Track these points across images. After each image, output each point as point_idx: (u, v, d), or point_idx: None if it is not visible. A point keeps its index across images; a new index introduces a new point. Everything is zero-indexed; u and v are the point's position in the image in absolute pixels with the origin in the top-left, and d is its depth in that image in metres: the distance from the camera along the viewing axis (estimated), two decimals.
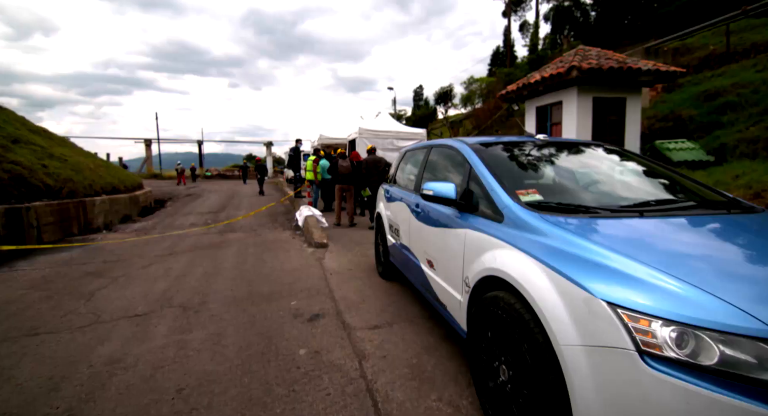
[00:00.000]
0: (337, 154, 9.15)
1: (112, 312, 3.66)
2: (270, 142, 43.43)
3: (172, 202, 16.02)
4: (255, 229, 8.67)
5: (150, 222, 10.51)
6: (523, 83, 9.43)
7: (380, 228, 4.57)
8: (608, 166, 2.57)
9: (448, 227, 2.42)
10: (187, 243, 7.23)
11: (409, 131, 10.89)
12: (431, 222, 2.71)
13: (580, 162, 2.59)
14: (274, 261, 5.49)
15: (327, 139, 12.24)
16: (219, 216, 10.91)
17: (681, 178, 2.41)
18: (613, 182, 2.37)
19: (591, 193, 2.19)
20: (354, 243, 6.55)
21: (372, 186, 8.61)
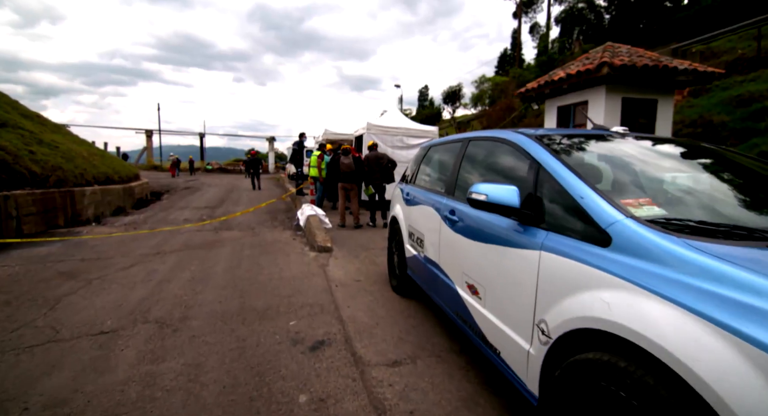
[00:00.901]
0: (341, 149, 8.43)
1: (74, 326, 3.04)
2: (272, 137, 42.87)
3: (169, 195, 15.42)
4: (253, 228, 8.05)
5: (143, 215, 9.89)
6: (546, 80, 8.79)
7: (395, 235, 3.94)
8: (729, 171, 1.93)
9: (506, 245, 1.79)
10: (178, 241, 6.61)
11: (419, 128, 10.26)
12: (476, 235, 2.08)
13: (688, 164, 1.95)
14: (272, 267, 4.87)
15: (332, 134, 11.61)
16: (216, 212, 10.28)
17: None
18: (749, 193, 1.73)
19: (727, 208, 1.55)
20: (361, 248, 5.93)
21: (375, 184, 8.01)
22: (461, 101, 24.52)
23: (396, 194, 4.10)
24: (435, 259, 2.69)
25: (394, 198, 4.19)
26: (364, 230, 7.56)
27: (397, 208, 3.92)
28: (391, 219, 4.12)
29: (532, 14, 44.25)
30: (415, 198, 3.32)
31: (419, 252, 3.07)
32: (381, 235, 6.94)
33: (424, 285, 3.03)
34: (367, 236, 6.91)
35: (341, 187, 8.26)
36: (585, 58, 8.82)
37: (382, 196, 8.22)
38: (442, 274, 2.54)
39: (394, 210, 4.03)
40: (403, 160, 9.97)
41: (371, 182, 8.05)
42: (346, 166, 8.15)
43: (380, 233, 7.21)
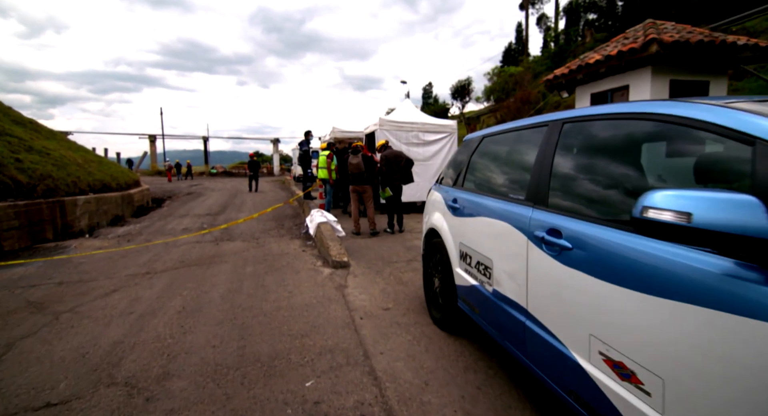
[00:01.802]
0: (351, 148, 7.52)
1: (13, 394, 2.23)
2: (277, 139, 42.19)
3: (170, 202, 14.72)
4: (257, 237, 7.24)
5: (139, 225, 9.14)
6: (578, 65, 7.87)
7: (435, 253, 3.09)
8: None
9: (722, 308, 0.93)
10: (173, 256, 5.81)
11: (436, 123, 9.37)
12: (632, 279, 1.20)
13: None
14: (280, 290, 4.03)
15: (340, 132, 10.77)
16: (217, 219, 9.50)
17: None
18: None
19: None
20: (382, 262, 5.07)
21: (392, 185, 7.14)
22: (471, 96, 23.55)
23: (434, 200, 3.24)
24: (518, 300, 1.83)
25: (431, 205, 3.33)
26: (382, 238, 6.71)
27: (436, 218, 3.06)
28: (428, 233, 3.27)
29: (539, 5, 43.13)
30: (471, 206, 2.46)
31: (482, 282, 2.21)
32: (402, 244, 6.08)
33: (492, 331, 2.17)
34: (386, 246, 6.06)
35: (352, 190, 7.41)
36: (623, 38, 7.88)
37: (400, 198, 7.37)
38: (537, 327, 1.68)
39: (432, 220, 3.17)
40: (420, 158, 9.11)
41: (389, 183, 7.18)
42: (354, 166, 7.27)
43: (401, 241, 6.35)
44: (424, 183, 9.19)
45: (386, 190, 7.24)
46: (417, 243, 6.14)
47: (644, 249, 1.17)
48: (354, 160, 7.28)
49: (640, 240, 1.19)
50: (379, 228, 7.32)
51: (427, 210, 3.45)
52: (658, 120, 1.31)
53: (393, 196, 7.24)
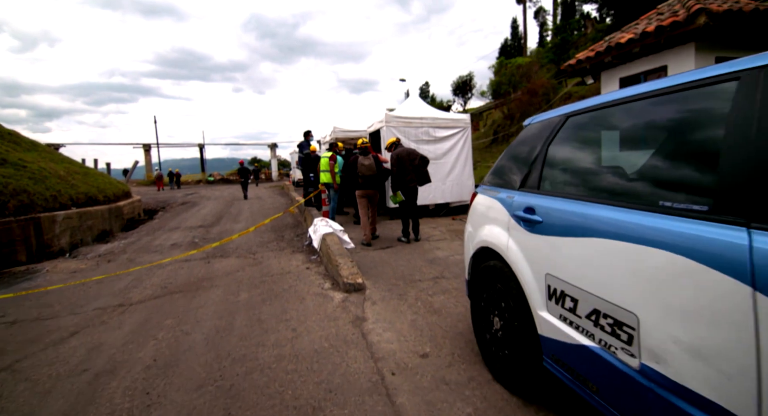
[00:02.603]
0: (358, 147, 6.65)
1: None
2: (274, 144, 41.43)
3: (163, 213, 13.87)
4: (254, 252, 6.38)
5: (125, 241, 8.28)
6: (606, 46, 7.03)
7: (491, 281, 2.23)
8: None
9: None
10: (155, 280, 4.96)
11: (448, 117, 8.52)
12: None
13: None
14: (281, 327, 3.17)
15: (342, 132, 9.92)
16: (211, 232, 8.65)
17: None
18: None
19: None
20: (404, 281, 4.21)
21: (407, 188, 6.23)
22: (473, 92, 22.65)
23: (486, 207, 2.37)
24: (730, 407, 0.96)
25: (480, 214, 2.46)
26: (397, 249, 5.84)
27: (494, 234, 2.19)
28: (479, 252, 2.40)
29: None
30: (575, 220, 1.58)
31: (609, 347, 1.35)
32: (422, 257, 5.22)
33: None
34: (404, 259, 5.19)
35: (361, 195, 6.54)
36: (656, 14, 7.05)
37: (415, 202, 6.48)
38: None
39: (485, 236, 2.31)
40: (431, 156, 8.24)
41: (402, 186, 6.27)
42: (366, 167, 6.42)
43: (419, 253, 5.49)
44: (437, 183, 8.34)
45: (398, 193, 6.34)
46: (440, 255, 5.28)
47: None
48: (366, 161, 6.43)
49: None
50: (384, 236, 6.47)
51: (473, 221, 2.59)
52: None
53: (406, 200, 6.34)
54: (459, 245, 5.78)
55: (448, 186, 8.44)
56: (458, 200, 8.59)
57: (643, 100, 1.46)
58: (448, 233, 6.74)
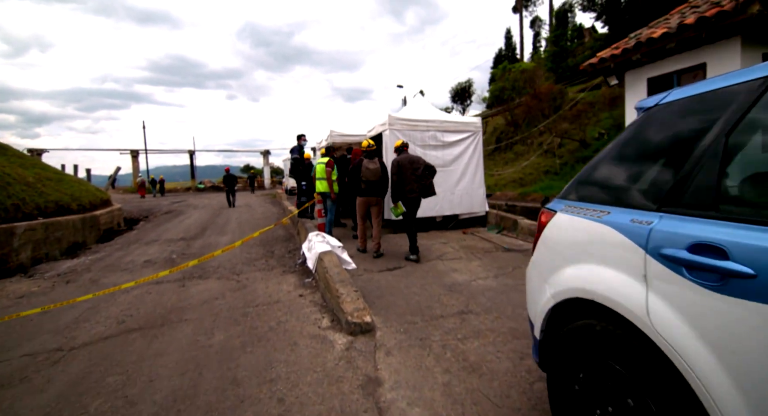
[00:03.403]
0: (364, 151, 5.87)
1: None
2: (267, 151, 40.53)
3: (144, 222, 12.89)
4: (238, 272, 5.48)
5: (93, 257, 7.31)
6: (636, 42, 6.34)
7: (601, 363, 1.38)
8: None
9: None
10: (112, 312, 4.03)
11: (458, 120, 7.75)
12: None
13: None
14: (263, 393, 2.28)
15: (340, 135, 9.10)
16: (192, 246, 7.71)
17: None
18: None
19: None
20: (422, 317, 3.35)
21: (408, 199, 5.50)
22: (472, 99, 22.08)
23: (596, 235, 1.50)
24: None
25: (572, 246, 1.62)
26: (407, 270, 4.98)
27: (611, 284, 1.32)
28: (565, 303, 1.56)
29: (532, 8, 42.42)
30: None
31: None
32: (436, 280, 4.37)
33: None
34: (416, 283, 4.34)
35: (362, 203, 5.78)
36: (689, 7, 6.39)
37: (414, 215, 5.70)
38: None
39: (580, 280, 1.47)
40: (439, 163, 7.45)
41: (403, 197, 5.50)
42: (371, 172, 5.67)
43: (432, 275, 4.64)
44: (445, 193, 7.53)
45: (398, 205, 5.55)
46: (459, 279, 4.44)
47: None
48: (371, 165, 5.67)
49: None
50: (390, 252, 5.62)
51: (550, 255, 1.75)
52: None
53: (407, 212, 5.56)
54: (479, 267, 4.95)
55: (457, 196, 7.64)
56: (468, 212, 7.78)
57: None
58: (462, 251, 5.90)
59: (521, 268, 4.80)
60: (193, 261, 5.32)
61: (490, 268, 4.84)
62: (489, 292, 3.89)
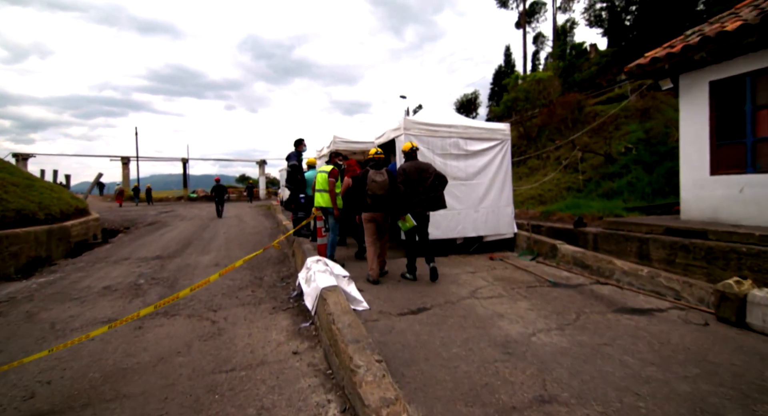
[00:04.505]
0: (373, 160, 4.94)
1: None
2: (263, 161, 39.45)
3: (124, 234, 11.64)
4: (216, 308, 4.28)
5: (44, 279, 6.06)
6: (701, 38, 5.36)
7: None
8: None
9: None
10: (24, 376, 2.81)
11: (484, 127, 6.68)
12: None
13: None
14: None
15: (344, 142, 8.00)
16: (166, 267, 6.48)
17: None
18: None
19: None
20: (481, 407, 2.18)
21: (416, 212, 4.76)
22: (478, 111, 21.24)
23: None
24: None
25: None
26: (436, 311, 3.80)
27: None
28: None
29: (534, 24, 42.33)
30: None
31: None
32: (481, 333, 3.20)
33: None
34: (454, 336, 3.16)
35: (369, 219, 4.81)
36: (751, 3, 5.46)
37: (425, 231, 4.94)
38: None
39: None
40: (461, 176, 6.36)
41: (410, 209, 4.76)
42: (378, 185, 4.74)
43: (471, 321, 3.47)
44: (468, 211, 6.41)
45: (407, 218, 4.73)
46: (510, 330, 3.26)
47: None
48: (378, 177, 4.78)
49: None
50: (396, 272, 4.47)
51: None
52: None
53: (416, 226, 4.82)
54: (531, 310, 3.77)
55: (482, 214, 6.51)
56: (494, 233, 6.65)
57: None
58: (498, 285, 4.74)
59: (588, 315, 3.64)
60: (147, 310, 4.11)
61: (546, 313, 3.68)
62: (565, 359, 2.73)
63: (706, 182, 5.77)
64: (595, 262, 5.15)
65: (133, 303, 4.63)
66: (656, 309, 3.80)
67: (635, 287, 4.49)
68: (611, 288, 4.54)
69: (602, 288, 4.55)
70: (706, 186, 5.76)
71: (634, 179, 9.66)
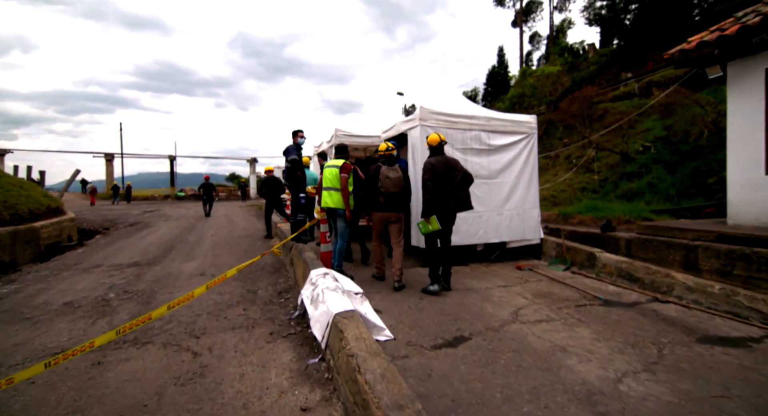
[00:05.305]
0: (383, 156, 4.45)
1: None
2: (254, 159, 38.37)
3: (103, 235, 10.67)
4: (198, 334, 3.45)
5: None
6: (763, 17, 4.69)
7: None
8: None
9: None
10: None
11: (509, 118, 5.91)
12: None
13: None
14: None
15: (347, 136, 7.20)
16: (143, 277, 5.60)
17: None
18: None
19: None
20: None
21: (444, 213, 4.19)
22: None
23: None
24: None
25: None
26: (478, 341, 3.02)
27: None
28: None
29: (531, 23, 41.92)
30: None
31: None
32: (548, 373, 2.43)
33: None
34: (517, 383, 2.39)
35: (380, 220, 4.29)
36: None
37: (449, 235, 4.37)
38: None
39: None
40: (483, 174, 5.61)
41: (438, 210, 4.13)
42: (392, 182, 4.21)
43: (527, 356, 2.71)
44: (490, 213, 5.65)
45: (432, 219, 4.11)
46: (584, 372, 2.49)
47: None
48: (392, 173, 4.16)
49: None
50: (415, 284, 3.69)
51: None
52: None
53: (440, 230, 4.19)
54: (598, 341, 3.01)
55: (506, 217, 5.76)
56: (519, 239, 5.89)
57: None
58: (542, 303, 3.97)
59: (671, 347, 2.89)
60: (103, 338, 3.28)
61: (618, 346, 2.93)
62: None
63: (760, 182, 5.10)
64: (646, 275, 4.43)
65: (97, 325, 3.78)
66: (748, 337, 3.08)
67: (704, 306, 3.78)
68: (675, 307, 3.81)
69: (664, 307, 3.82)
70: (761, 187, 5.09)
71: (655, 179, 9.04)
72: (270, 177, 9.48)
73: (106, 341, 2.46)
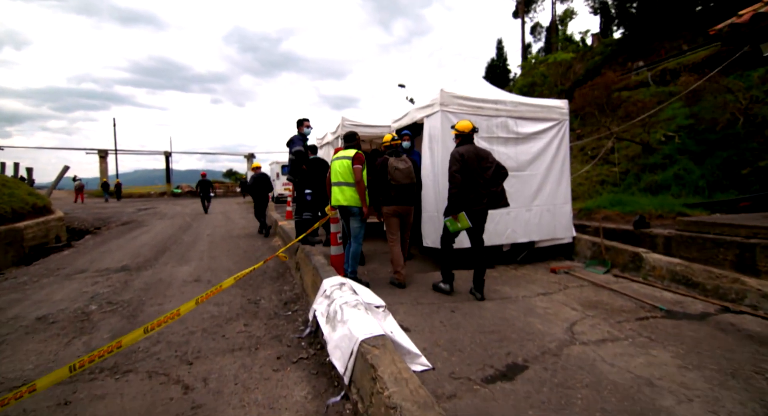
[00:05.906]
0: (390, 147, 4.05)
1: None
2: (251, 155, 37.68)
3: (93, 235, 10.05)
4: (191, 358, 2.85)
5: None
6: None
7: None
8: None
9: None
10: None
11: (538, 103, 5.30)
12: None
13: None
14: None
15: (355, 126, 6.55)
16: (132, 283, 4.99)
17: None
18: None
19: None
20: None
21: (474, 210, 3.69)
22: None
23: None
24: None
25: None
26: (540, 375, 2.44)
27: None
28: None
29: (532, 14, 41.05)
30: None
31: None
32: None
33: None
34: None
35: (392, 214, 4.06)
36: None
37: (480, 234, 3.86)
38: None
39: None
40: (512, 165, 5.00)
41: (467, 207, 3.64)
42: (403, 173, 3.89)
43: (609, 395, 2.12)
44: (519, 209, 5.06)
45: (461, 216, 3.63)
46: None
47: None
48: (401, 164, 3.80)
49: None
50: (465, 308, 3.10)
51: None
52: None
53: (474, 227, 3.75)
54: (683, 368, 2.42)
55: (535, 214, 5.17)
56: (550, 237, 5.31)
57: None
58: (594, 315, 3.39)
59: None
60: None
61: (715, 376, 2.35)
62: None
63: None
64: (708, 279, 3.85)
65: (71, 347, 3.19)
66: None
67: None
68: (754, 319, 3.24)
69: (741, 319, 3.25)
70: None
71: (681, 171, 8.45)
72: (258, 174, 8.93)
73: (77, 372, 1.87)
